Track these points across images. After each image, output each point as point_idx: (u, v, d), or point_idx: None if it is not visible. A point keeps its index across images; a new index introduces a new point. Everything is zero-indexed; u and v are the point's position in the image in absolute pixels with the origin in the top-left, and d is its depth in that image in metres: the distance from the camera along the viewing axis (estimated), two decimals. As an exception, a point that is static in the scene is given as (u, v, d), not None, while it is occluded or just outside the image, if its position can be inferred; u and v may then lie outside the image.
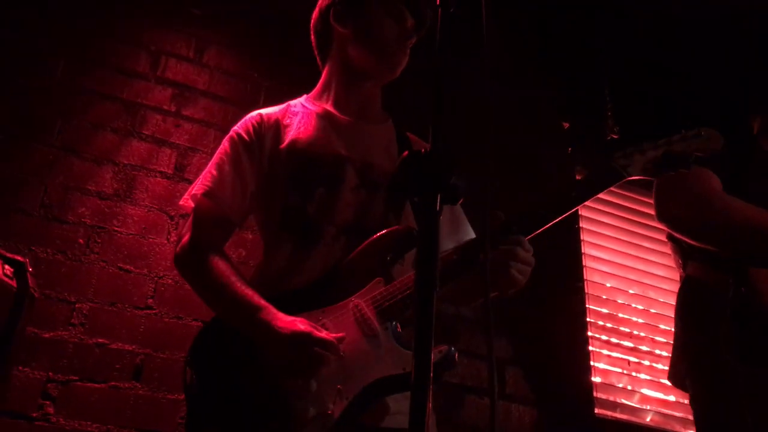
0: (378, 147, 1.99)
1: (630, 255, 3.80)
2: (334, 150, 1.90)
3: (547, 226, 1.75)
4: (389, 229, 1.84)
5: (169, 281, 2.66)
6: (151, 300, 2.61)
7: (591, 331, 3.36)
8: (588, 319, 3.39)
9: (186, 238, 1.82)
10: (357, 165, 1.89)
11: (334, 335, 1.61)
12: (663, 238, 3.83)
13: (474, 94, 1.75)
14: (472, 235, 2.09)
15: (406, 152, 1.14)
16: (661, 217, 2.22)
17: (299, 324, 1.59)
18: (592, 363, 3.15)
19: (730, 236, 2.09)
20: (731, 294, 1.98)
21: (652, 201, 2.32)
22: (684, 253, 2.28)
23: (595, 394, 3.07)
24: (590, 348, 3.26)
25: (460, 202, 1.13)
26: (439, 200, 1.10)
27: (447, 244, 2.00)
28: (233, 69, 3.12)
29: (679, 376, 2.21)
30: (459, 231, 2.07)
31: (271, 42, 3.21)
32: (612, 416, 3.09)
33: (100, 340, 2.49)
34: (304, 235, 1.81)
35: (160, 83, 2.97)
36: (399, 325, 1.67)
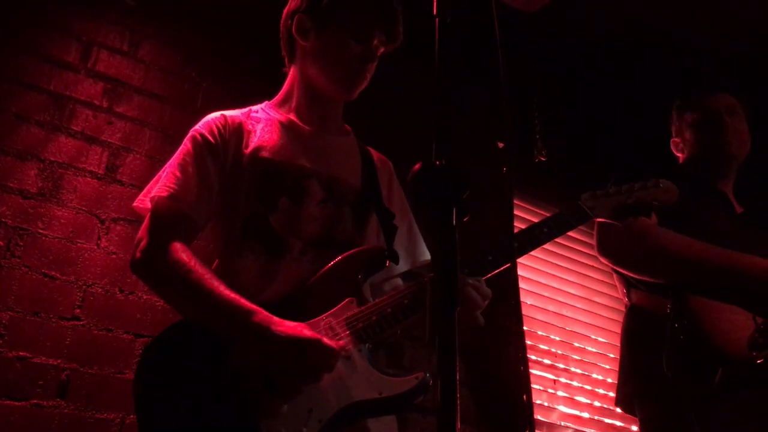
0: (342, 160, 1.95)
1: (546, 273, 3.92)
2: (298, 161, 1.85)
3: (517, 258, 1.79)
4: (360, 248, 1.81)
5: (99, 290, 2.47)
6: (78, 310, 2.41)
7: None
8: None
9: (147, 240, 1.68)
10: (322, 178, 1.85)
11: (338, 344, 1.56)
12: (579, 258, 4.04)
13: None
14: (427, 254, 2.08)
15: (419, 163, 1.11)
16: (603, 252, 2.33)
17: (305, 330, 1.54)
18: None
19: (664, 267, 2.21)
20: (672, 320, 2.09)
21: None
22: (628, 283, 2.38)
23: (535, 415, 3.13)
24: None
25: (466, 219, 1.11)
26: (455, 214, 1.08)
27: (403, 264, 1.98)
28: (170, 67, 2.95)
29: (626, 400, 2.29)
30: (416, 250, 2.06)
31: (210, 43, 3.06)
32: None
33: (21, 354, 2.27)
34: (268, 247, 1.74)
35: (91, 76, 2.77)
36: (371, 348, 1.65)
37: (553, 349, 3.69)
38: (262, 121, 1.91)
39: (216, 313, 1.59)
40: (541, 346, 3.65)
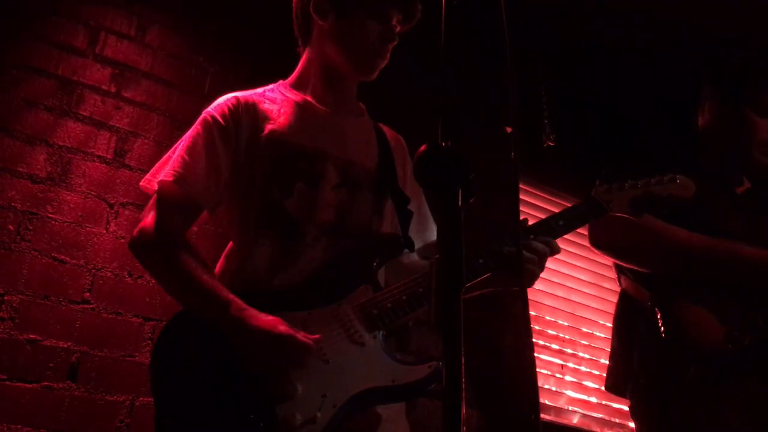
0: (358, 143, 1.93)
1: (555, 258, 3.88)
2: (314, 144, 1.83)
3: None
4: (377, 236, 1.80)
5: (108, 274, 2.49)
6: (87, 294, 2.43)
7: (521, 334, 3.42)
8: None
9: (148, 221, 1.68)
10: (338, 162, 1.83)
11: (312, 337, 1.56)
12: (588, 243, 4.02)
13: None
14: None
15: (424, 145, 1.10)
16: (593, 243, 2.29)
17: (280, 325, 1.54)
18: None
19: (645, 256, 2.17)
20: (648, 313, 2.07)
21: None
22: (618, 268, 2.36)
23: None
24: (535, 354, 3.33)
25: (471, 200, 1.11)
26: (460, 195, 1.07)
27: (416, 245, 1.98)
28: (178, 51, 2.95)
29: (617, 384, 2.28)
30: (426, 230, 2.05)
31: (218, 28, 3.06)
32: (550, 420, 3.17)
33: (31, 336, 2.30)
34: (284, 233, 1.73)
35: (98, 61, 2.77)
36: (385, 335, 1.65)
37: (561, 335, 3.69)
38: (277, 102, 1.88)
39: (197, 302, 1.62)
40: (550, 332, 3.65)
